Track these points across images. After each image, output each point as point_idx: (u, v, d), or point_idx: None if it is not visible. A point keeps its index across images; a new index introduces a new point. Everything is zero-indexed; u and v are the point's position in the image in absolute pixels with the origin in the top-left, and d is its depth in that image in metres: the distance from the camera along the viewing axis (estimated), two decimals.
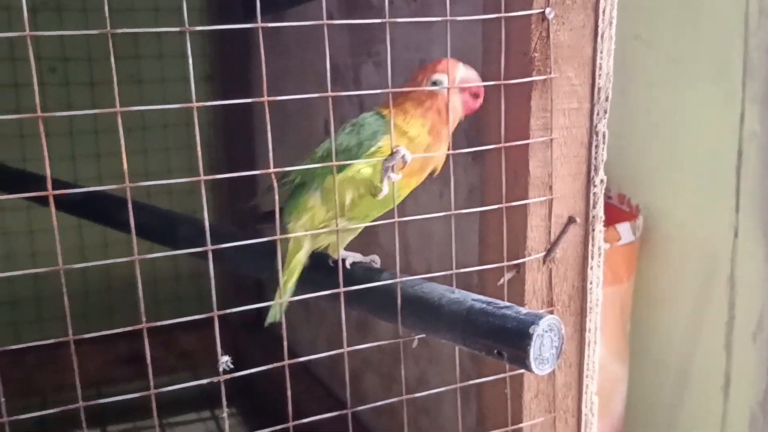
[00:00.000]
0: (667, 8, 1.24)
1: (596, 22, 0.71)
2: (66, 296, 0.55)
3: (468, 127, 0.97)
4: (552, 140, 0.71)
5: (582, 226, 0.74)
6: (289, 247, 0.73)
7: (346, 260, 0.75)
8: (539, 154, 0.72)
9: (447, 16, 0.64)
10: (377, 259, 0.76)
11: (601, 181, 0.74)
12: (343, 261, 0.74)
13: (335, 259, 0.74)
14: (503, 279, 0.73)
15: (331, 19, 1.35)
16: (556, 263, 0.74)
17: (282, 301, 0.71)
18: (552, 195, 0.73)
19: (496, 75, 0.70)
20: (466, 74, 0.70)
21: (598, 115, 0.73)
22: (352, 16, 1.29)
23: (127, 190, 0.55)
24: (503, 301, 0.62)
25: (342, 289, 0.65)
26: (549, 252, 0.73)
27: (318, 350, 1.67)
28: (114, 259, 0.58)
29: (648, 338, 1.34)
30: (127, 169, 0.55)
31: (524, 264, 0.73)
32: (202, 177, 0.59)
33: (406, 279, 0.68)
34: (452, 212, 0.67)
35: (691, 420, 1.27)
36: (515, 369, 0.72)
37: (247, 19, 1.69)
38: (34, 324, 1.87)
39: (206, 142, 2.01)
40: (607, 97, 0.72)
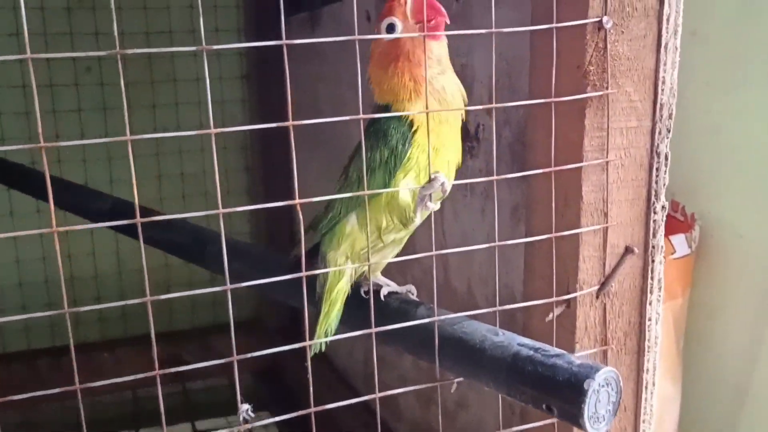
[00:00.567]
0: (725, 2, 1.15)
1: (659, 31, 0.63)
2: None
3: (513, 139, 0.91)
4: (608, 162, 0.64)
5: (640, 257, 0.67)
6: (328, 277, 0.67)
7: (381, 291, 0.69)
8: (593, 177, 0.65)
9: (492, 28, 0.57)
10: (413, 290, 0.70)
11: (663, 207, 0.67)
12: (377, 292, 0.68)
13: (367, 291, 0.68)
14: (552, 315, 0.66)
15: (369, 17, 1.28)
16: (610, 298, 0.67)
17: (322, 340, 0.65)
18: (607, 223, 0.66)
19: (546, 90, 0.63)
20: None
21: (660, 134, 0.65)
22: None
23: (138, 226, 0.50)
24: (553, 348, 0.56)
25: (374, 330, 0.60)
26: (603, 285, 0.67)
27: (354, 359, 1.62)
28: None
29: (703, 355, 1.27)
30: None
31: (575, 298, 0.66)
32: (221, 210, 0.54)
33: (444, 317, 0.62)
34: (496, 243, 0.61)
35: None
36: None
37: (286, 16, 1.64)
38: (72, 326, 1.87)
39: (242, 145, 1.98)
40: (670, 115, 0.65)
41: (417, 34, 0.61)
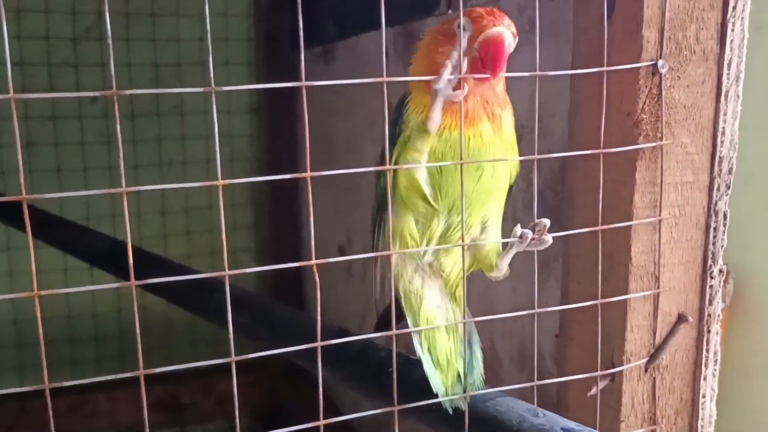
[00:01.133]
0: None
1: (719, 77, 0.57)
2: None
3: (543, 186, 0.84)
4: (660, 221, 0.58)
5: (695, 326, 0.60)
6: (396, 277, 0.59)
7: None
8: (644, 237, 0.58)
9: (536, 71, 0.51)
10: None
11: (720, 271, 0.60)
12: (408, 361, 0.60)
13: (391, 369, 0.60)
14: (595, 389, 0.59)
15: (386, 54, 1.23)
16: (661, 371, 0.60)
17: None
18: (659, 288, 0.59)
19: (590, 139, 0.57)
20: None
21: (719, 190, 0.59)
22: (408, 48, 1.17)
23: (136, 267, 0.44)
24: None
25: (396, 408, 0.52)
26: (653, 358, 0.59)
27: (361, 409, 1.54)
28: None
29: (736, 415, 1.19)
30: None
31: (621, 372, 0.59)
32: (227, 272, 0.47)
33: (476, 393, 0.55)
34: (536, 311, 0.54)
35: None
36: None
37: (294, 49, 1.59)
38: (67, 366, 1.80)
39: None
40: (730, 169, 0.59)
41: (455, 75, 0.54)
